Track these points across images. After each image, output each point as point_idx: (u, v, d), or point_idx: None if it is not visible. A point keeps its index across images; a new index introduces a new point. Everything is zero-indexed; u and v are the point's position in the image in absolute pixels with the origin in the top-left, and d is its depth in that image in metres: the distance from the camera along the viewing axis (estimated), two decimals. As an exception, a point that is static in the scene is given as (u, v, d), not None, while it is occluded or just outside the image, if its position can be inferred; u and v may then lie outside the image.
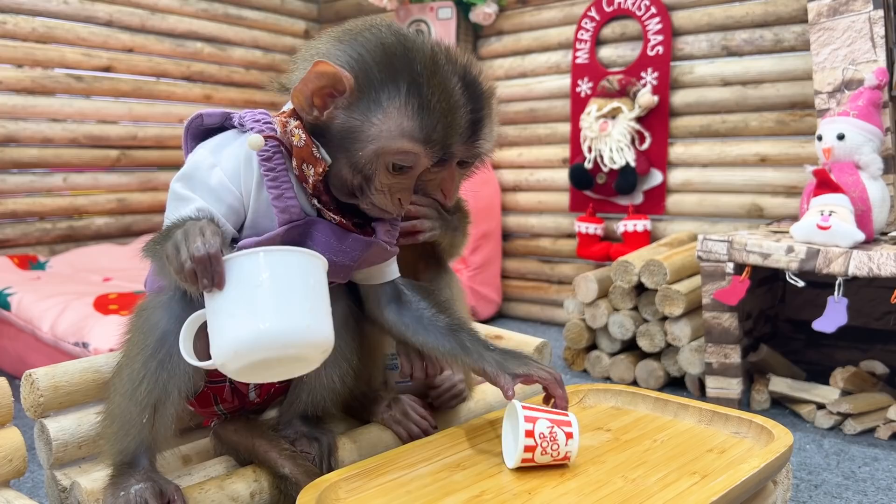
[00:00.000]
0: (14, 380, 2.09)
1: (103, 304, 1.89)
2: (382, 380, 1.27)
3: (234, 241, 0.92)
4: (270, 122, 0.92)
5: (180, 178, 0.92)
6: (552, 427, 0.93)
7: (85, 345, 1.71)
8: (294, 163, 0.91)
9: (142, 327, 0.92)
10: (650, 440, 1.04)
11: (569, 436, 0.93)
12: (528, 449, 0.91)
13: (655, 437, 1.06)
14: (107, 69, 2.71)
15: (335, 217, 0.94)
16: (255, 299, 0.76)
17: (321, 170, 0.90)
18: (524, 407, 0.94)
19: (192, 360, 0.82)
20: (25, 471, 0.99)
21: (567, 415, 0.96)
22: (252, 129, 0.91)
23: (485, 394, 1.35)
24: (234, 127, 0.94)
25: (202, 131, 0.97)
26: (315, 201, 0.92)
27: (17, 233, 2.50)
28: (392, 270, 1.06)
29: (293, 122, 0.90)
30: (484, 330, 1.56)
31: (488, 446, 1.03)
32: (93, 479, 0.97)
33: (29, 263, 2.37)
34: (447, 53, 1.11)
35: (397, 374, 1.27)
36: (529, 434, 0.91)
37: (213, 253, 0.75)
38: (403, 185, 0.92)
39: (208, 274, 0.76)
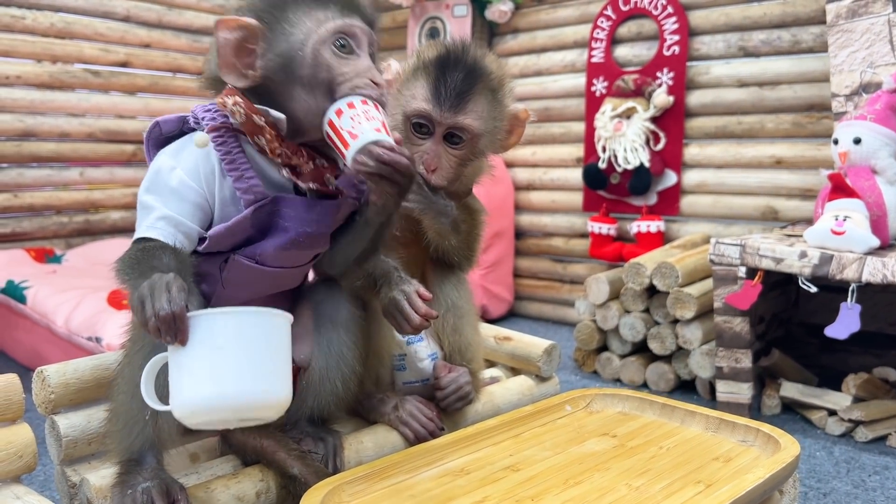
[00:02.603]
0: (28, 371, 2.12)
1: (117, 299, 1.91)
2: (390, 380, 1.28)
3: (202, 239, 0.93)
4: (220, 110, 0.93)
5: (144, 186, 0.93)
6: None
7: (98, 339, 1.73)
8: (251, 140, 0.92)
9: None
10: (656, 447, 1.04)
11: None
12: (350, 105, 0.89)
13: (661, 443, 1.05)
14: (124, 64, 2.73)
15: (311, 184, 0.94)
16: (215, 361, 0.76)
17: (269, 136, 0.90)
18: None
19: (155, 405, 0.82)
20: (36, 466, 1.01)
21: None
22: (203, 118, 0.93)
23: (493, 395, 1.35)
24: (192, 129, 0.95)
25: (163, 140, 0.97)
26: (286, 171, 0.92)
27: (35, 226, 2.53)
28: None
29: (230, 100, 0.90)
30: (492, 331, 1.56)
31: (493, 451, 1.03)
32: (102, 475, 0.98)
33: (45, 257, 2.40)
34: (455, 44, 1.13)
35: (405, 375, 1.28)
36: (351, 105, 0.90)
37: (178, 312, 0.75)
38: (363, 65, 0.92)
39: (171, 332, 0.76)
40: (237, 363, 0.77)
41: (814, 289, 1.59)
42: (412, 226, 1.18)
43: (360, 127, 0.88)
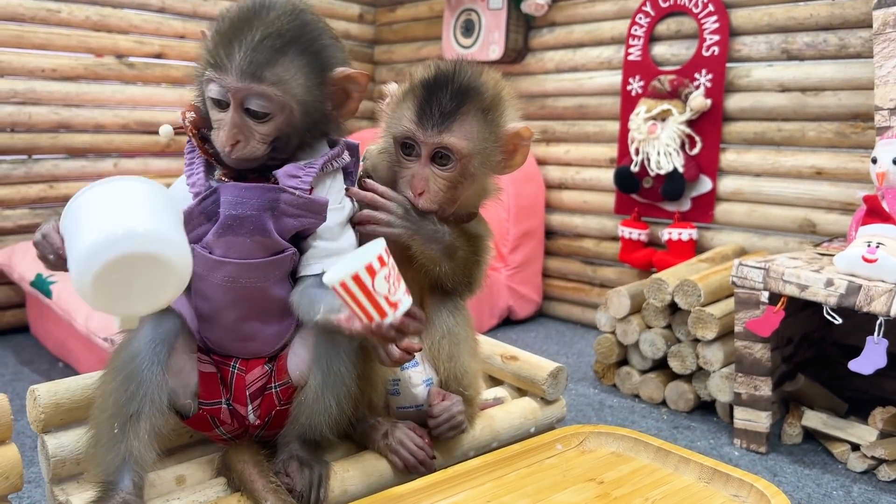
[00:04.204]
0: (57, 361, 2.18)
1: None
2: (383, 405, 1.26)
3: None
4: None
5: None
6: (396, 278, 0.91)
7: (114, 341, 1.75)
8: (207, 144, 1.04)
9: (120, 344, 1.01)
10: (641, 498, 1.00)
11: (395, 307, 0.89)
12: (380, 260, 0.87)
13: (648, 494, 1.01)
14: (158, 56, 2.75)
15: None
16: (94, 214, 0.83)
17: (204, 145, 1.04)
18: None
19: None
20: (22, 487, 1.02)
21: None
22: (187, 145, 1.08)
23: (493, 420, 1.33)
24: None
25: None
26: (218, 169, 1.03)
27: (69, 216, 2.59)
28: (314, 267, 1.06)
29: (188, 115, 1.06)
30: (499, 349, 1.53)
31: (471, 495, 1.01)
32: (86, 497, 1.00)
33: (78, 247, 2.45)
34: (447, 64, 1.11)
35: (399, 400, 1.26)
36: (382, 260, 0.88)
37: (46, 231, 0.91)
38: (227, 119, 1.00)
39: (47, 248, 0.90)
40: (110, 208, 0.83)
41: (839, 320, 1.51)
42: (405, 250, 1.16)
43: (398, 293, 0.89)
